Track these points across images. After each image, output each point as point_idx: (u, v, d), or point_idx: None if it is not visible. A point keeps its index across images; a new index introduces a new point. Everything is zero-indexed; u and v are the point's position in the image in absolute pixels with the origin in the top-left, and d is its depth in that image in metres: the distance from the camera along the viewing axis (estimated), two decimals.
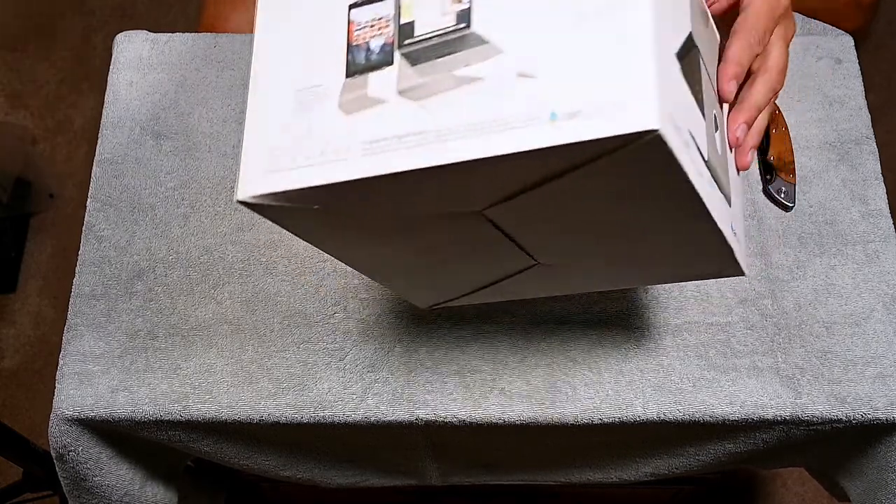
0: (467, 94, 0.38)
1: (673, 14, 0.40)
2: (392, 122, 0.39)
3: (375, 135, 0.39)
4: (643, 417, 0.65)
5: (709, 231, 0.45)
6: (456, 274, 0.58)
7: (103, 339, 0.68)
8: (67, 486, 0.72)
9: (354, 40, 0.42)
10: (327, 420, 0.65)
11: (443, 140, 0.37)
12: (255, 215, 0.72)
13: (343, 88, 0.41)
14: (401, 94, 0.40)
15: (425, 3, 0.41)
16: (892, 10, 1.69)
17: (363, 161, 0.39)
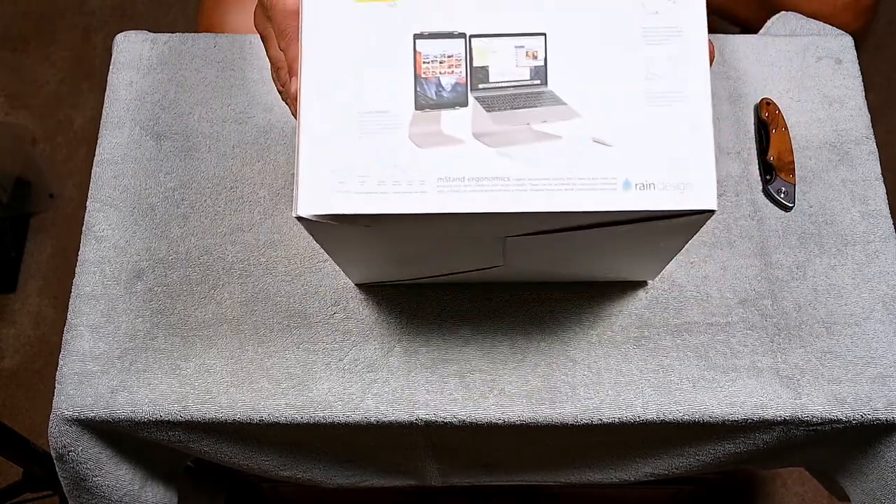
0: (546, 150, 0.42)
1: None
2: (470, 164, 0.42)
3: (453, 173, 0.42)
4: (643, 417, 0.65)
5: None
6: (419, 267, 0.59)
7: (103, 339, 0.68)
8: (67, 486, 0.72)
9: (423, 73, 0.43)
10: (327, 420, 0.65)
11: (522, 189, 0.41)
12: (254, 215, 0.72)
13: (413, 120, 0.42)
14: (476, 137, 0.42)
15: (499, 51, 0.43)
16: (892, 10, 1.69)
17: (440, 196, 0.42)
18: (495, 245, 0.52)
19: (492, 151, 0.42)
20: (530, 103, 0.43)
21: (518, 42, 0.43)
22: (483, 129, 0.42)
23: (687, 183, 0.42)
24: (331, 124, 0.43)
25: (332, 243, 0.52)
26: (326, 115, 0.44)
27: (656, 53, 0.43)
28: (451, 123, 0.42)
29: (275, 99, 0.77)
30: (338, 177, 0.43)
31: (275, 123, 0.76)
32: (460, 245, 0.54)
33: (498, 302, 0.69)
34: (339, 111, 0.43)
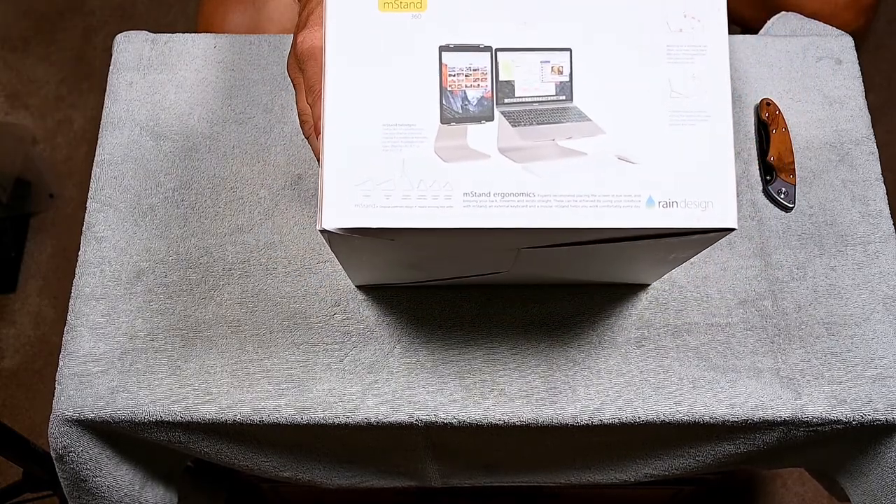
0: (571, 166, 0.42)
1: None
2: (496, 179, 0.42)
3: (478, 188, 0.42)
4: (643, 418, 0.65)
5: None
6: (426, 272, 0.60)
7: (103, 339, 0.68)
8: (67, 486, 0.72)
9: (449, 86, 0.43)
10: (327, 421, 0.65)
11: (548, 205, 0.42)
12: (254, 216, 0.72)
13: (439, 134, 0.42)
14: (502, 152, 0.42)
15: (524, 66, 0.43)
16: (892, 10, 1.69)
17: (466, 211, 0.42)
18: (508, 254, 0.52)
19: (517, 167, 0.42)
20: (556, 119, 0.43)
21: (544, 57, 0.43)
22: (509, 145, 0.42)
23: (708, 202, 0.43)
24: (356, 137, 0.43)
25: (349, 252, 0.52)
26: (351, 127, 0.43)
27: (680, 72, 0.44)
28: (477, 138, 0.42)
29: (274, 99, 0.76)
30: (363, 190, 0.43)
31: (275, 124, 0.76)
32: (474, 254, 0.54)
33: (498, 303, 0.69)
34: (364, 124, 0.43)
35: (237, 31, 0.98)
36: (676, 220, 0.43)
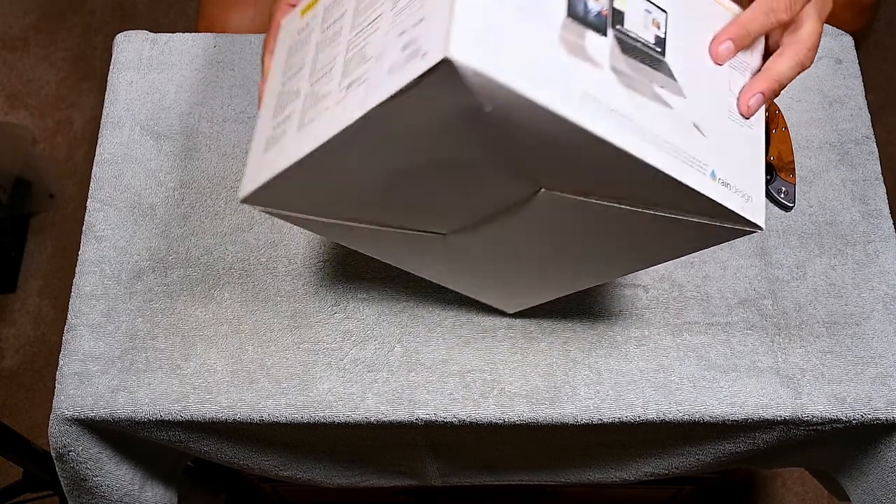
0: (660, 113, 0.45)
1: None
2: (605, 93, 0.43)
3: (591, 93, 0.43)
4: (643, 417, 0.65)
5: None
6: (402, 207, 0.58)
7: (103, 339, 0.68)
8: (67, 486, 0.72)
9: None
10: (327, 420, 0.65)
11: (641, 136, 0.43)
12: (254, 215, 0.72)
13: (564, 26, 0.43)
14: (612, 70, 0.44)
15: (632, 5, 0.46)
16: (892, 10, 1.69)
17: (578, 108, 0.42)
18: (522, 190, 0.50)
19: (624, 92, 0.44)
20: (654, 65, 0.45)
21: (647, 6, 0.46)
22: (619, 66, 0.44)
23: (749, 196, 0.47)
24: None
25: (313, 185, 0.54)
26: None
27: (738, 78, 0.49)
28: (594, 46, 0.44)
29: None
30: (497, 35, 0.42)
31: None
32: (476, 185, 0.52)
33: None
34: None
35: (237, 30, 0.98)
36: (730, 201, 0.45)
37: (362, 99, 0.43)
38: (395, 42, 0.43)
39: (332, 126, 0.45)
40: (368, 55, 0.45)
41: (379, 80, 0.43)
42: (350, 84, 0.45)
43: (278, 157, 0.49)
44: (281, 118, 0.50)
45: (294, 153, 0.47)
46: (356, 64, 0.46)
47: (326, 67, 0.49)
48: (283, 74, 0.53)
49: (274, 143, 0.50)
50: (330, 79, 0.48)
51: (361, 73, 0.45)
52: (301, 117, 0.48)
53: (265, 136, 0.51)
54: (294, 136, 0.48)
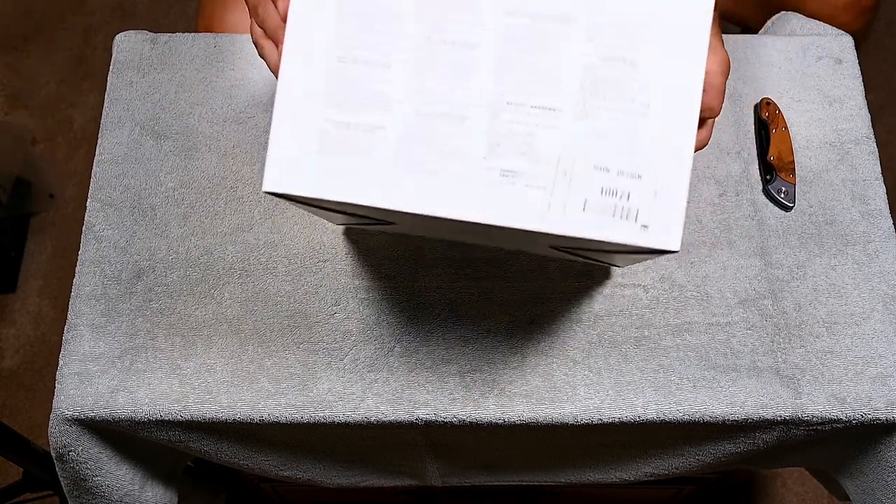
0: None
1: None
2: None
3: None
4: (643, 417, 0.65)
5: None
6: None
7: (103, 339, 0.68)
8: (67, 486, 0.72)
9: None
10: (327, 420, 0.65)
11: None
12: (254, 215, 0.72)
13: None
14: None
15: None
16: (892, 10, 1.69)
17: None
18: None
19: None
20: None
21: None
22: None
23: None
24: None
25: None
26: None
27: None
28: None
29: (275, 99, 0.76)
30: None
31: None
32: None
33: (498, 302, 0.69)
34: None
35: (237, 30, 0.98)
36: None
37: (523, 204, 0.43)
38: (593, 176, 0.43)
39: (462, 206, 0.43)
40: (541, 155, 0.43)
41: (561, 203, 0.43)
42: (505, 174, 0.43)
43: (351, 176, 0.44)
44: (352, 118, 0.44)
45: (386, 196, 0.43)
46: (516, 151, 0.43)
47: (450, 106, 0.44)
48: (337, 42, 0.44)
49: (342, 151, 0.44)
50: (463, 133, 0.43)
51: (525, 170, 0.43)
52: (401, 150, 0.44)
53: (315, 125, 0.44)
54: (390, 169, 0.43)
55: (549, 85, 0.43)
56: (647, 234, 0.43)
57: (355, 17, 0.44)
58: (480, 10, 0.43)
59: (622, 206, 0.43)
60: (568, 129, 0.43)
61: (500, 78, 0.43)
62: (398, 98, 0.44)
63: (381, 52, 0.44)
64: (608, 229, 0.43)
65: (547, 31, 0.43)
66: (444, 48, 0.43)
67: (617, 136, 0.43)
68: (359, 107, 0.44)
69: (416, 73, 0.44)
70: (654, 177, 0.43)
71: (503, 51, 0.43)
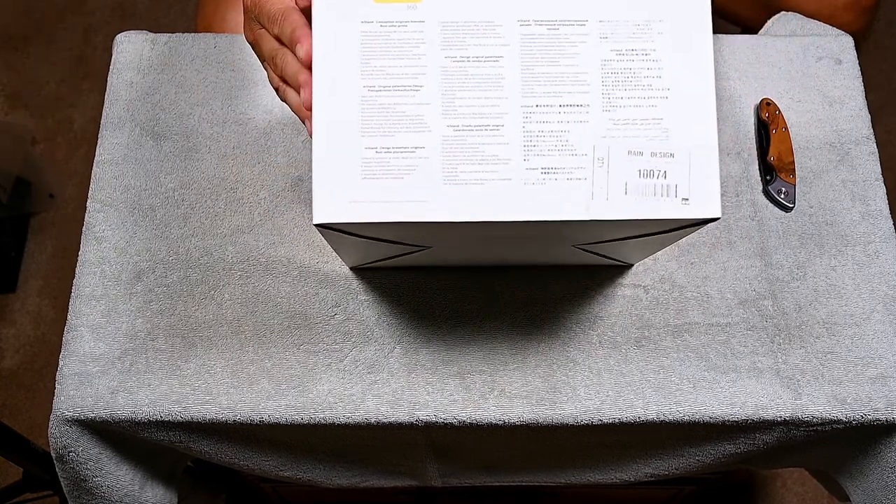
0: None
1: None
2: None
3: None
4: (643, 418, 0.65)
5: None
6: (429, 250, 0.62)
7: (103, 340, 0.68)
8: (67, 486, 0.72)
9: None
10: (327, 421, 0.65)
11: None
12: (254, 216, 0.72)
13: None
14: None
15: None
16: (892, 10, 1.69)
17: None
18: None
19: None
20: None
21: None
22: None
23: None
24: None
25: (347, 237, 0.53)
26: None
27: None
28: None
29: (275, 100, 0.76)
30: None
31: (275, 125, 0.76)
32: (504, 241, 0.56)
33: (498, 303, 0.69)
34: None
35: (237, 31, 0.98)
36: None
37: (568, 197, 0.45)
38: (629, 161, 0.46)
39: (511, 208, 0.46)
40: (576, 149, 0.46)
41: (603, 190, 0.45)
42: (546, 171, 0.46)
43: (399, 197, 0.46)
44: (391, 143, 0.46)
45: (436, 210, 0.45)
46: (553, 149, 0.46)
47: (483, 118, 0.46)
48: (365, 73, 0.46)
49: (387, 175, 0.46)
50: (500, 140, 0.46)
51: (564, 165, 0.46)
52: (444, 165, 0.46)
53: (355, 154, 0.46)
54: (436, 185, 0.46)
55: (573, 84, 0.46)
56: (689, 206, 0.46)
57: (378, 49, 0.46)
58: (497, 25, 0.46)
59: (661, 184, 0.46)
60: (598, 122, 0.46)
61: (526, 84, 0.46)
62: (433, 117, 0.46)
63: (408, 76, 0.46)
64: (652, 208, 0.46)
65: (562, 36, 0.46)
66: (469, 65, 0.46)
67: (644, 121, 0.46)
68: (396, 131, 0.46)
69: (446, 91, 0.46)
70: (686, 152, 0.46)
71: (525, 59, 0.46)
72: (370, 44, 0.46)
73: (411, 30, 0.46)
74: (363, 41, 0.46)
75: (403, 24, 0.46)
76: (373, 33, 0.46)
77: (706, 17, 0.47)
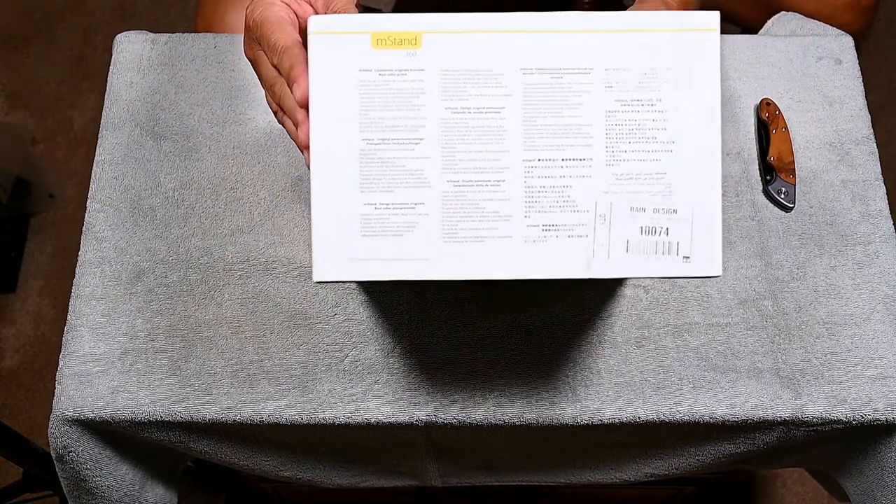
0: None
1: None
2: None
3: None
4: (643, 418, 0.65)
5: None
6: None
7: (103, 340, 0.68)
8: (67, 486, 0.72)
9: None
10: (327, 421, 0.65)
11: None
12: (254, 216, 0.72)
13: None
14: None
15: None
16: (892, 10, 1.69)
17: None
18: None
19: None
20: None
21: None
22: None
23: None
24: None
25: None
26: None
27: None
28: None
29: None
30: None
31: (275, 125, 0.76)
32: None
33: (499, 303, 0.69)
34: None
35: (237, 30, 0.97)
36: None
37: (568, 254, 0.45)
38: (631, 217, 0.45)
39: (511, 266, 0.45)
40: (578, 205, 0.45)
41: (605, 248, 0.45)
42: (547, 228, 0.45)
43: (399, 255, 0.46)
44: (390, 199, 0.46)
45: (436, 268, 0.45)
46: (554, 205, 0.46)
47: (484, 173, 0.46)
48: (361, 125, 0.46)
49: (386, 232, 0.46)
50: (501, 196, 0.46)
51: (565, 222, 0.45)
52: (444, 223, 0.46)
53: (354, 210, 0.46)
54: (436, 243, 0.46)
55: (576, 137, 0.45)
56: (690, 264, 0.46)
57: (377, 99, 0.46)
58: (499, 74, 0.45)
59: (663, 241, 0.46)
60: (601, 176, 0.45)
61: (528, 137, 0.45)
62: (433, 172, 0.46)
63: (408, 128, 0.45)
64: (652, 266, 0.46)
65: (566, 85, 0.45)
66: (470, 116, 0.45)
67: (647, 176, 0.46)
68: (395, 186, 0.46)
69: (446, 144, 0.45)
70: (689, 209, 0.46)
71: (527, 110, 0.45)
72: (368, 94, 0.45)
73: (411, 78, 0.45)
74: (361, 91, 0.45)
75: (403, 73, 0.45)
76: (371, 82, 0.45)
77: (715, 65, 0.46)
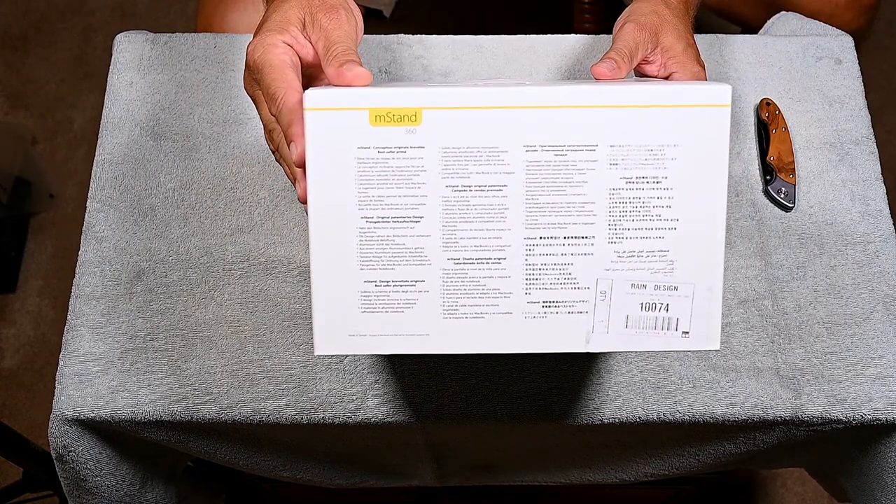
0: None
1: None
2: None
3: None
4: (643, 418, 0.65)
5: None
6: None
7: (103, 339, 0.68)
8: (67, 486, 0.72)
9: None
10: (328, 421, 0.65)
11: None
12: (254, 216, 0.72)
13: None
14: None
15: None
16: (892, 10, 1.69)
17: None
18: None
19: None
20: None
21: None
22: None
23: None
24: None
25: None
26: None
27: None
28: None
29: None
30: None
31: None
32: None
33: None
34: None
35: (237, 30, 0.97)
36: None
37: (568, 330, 0.46)
38: (630, 294, 0.45)
39: (510, 341, 0.46)
40: (579, 282, 0.45)
41: (604, 324, 0.45)
42: (547, 304, 0.46)
43: (399, 331, 0.46)
44: (391, 277, 0.46)
45: (436, 343, 0.46)
46: (555, 282, 0.46)
47: (485, 251, 0.46)
48: (360, 203, 0.45)
49: (386, 309, 0.46)
50: (501, 273, 0.46)
51: (566, 298, 0.46)
52: (444, 300, 0.46)
53: (354, 288, 0.46)
54: (436, 320, 0.46)
55: (578, 215, 0.45)
56: (688, 339, 0.46)
57: (376, 177, 0.45)
58: (502, 152, 0.45)
59: (662, 317, 0.46)
60: (602, 254, 0.45)
61: (530, 215, 0.45)
62: (433, 250, 0.45)
63: (408, 206, 0.45)
64: (651, 341, 0.46)
65: (570, 162, 0.45)
66: (471, 194, 0.45)
67: (650, 254, 0.45)
68: (395, 264, 0.46)
69: (446, 223, 0.45)
70: (690, 286, 0.46)
71: (530, 188, 0.45)
72: (367, 171, 0.45)
73: (410, 156, 0.45)
74: (360, 169, 0.45)
75: (402, 150, 0.44)
76: (370, 160, 0.45)
77: (724, 143, 0.45)
